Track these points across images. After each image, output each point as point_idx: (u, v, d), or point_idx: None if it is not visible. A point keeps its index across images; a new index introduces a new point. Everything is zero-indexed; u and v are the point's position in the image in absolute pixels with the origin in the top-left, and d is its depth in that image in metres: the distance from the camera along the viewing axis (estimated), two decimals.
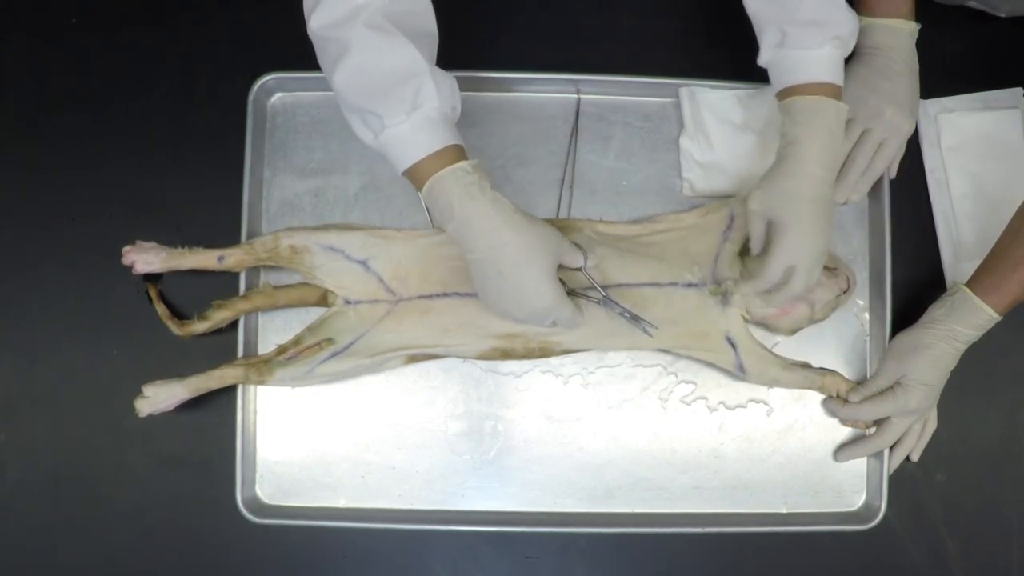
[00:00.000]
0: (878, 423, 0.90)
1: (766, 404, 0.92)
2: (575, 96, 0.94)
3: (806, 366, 0.91)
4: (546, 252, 0.78)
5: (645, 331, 0.86)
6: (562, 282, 0.85)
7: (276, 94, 0.93)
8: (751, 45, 0.83)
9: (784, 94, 0.80)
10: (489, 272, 0.77)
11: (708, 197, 0.92)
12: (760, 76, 0.92)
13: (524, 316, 0.79)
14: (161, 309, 0.88)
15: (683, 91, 0.92)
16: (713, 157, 0.92)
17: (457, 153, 0.76)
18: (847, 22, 0.78)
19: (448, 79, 0.75)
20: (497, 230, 0.75)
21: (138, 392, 0.84)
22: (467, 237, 0.76)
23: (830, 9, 0.78)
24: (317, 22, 0.72)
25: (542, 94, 0.94)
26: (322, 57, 0.75)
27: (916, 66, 0.88)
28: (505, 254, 0.76)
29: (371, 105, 0.73)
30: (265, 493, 0.90)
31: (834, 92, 0.79)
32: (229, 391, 0.87)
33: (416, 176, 0.75)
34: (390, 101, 0.73)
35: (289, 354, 0.87)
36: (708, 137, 0.91)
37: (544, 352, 0.88)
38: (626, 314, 0.86)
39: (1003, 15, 0.96)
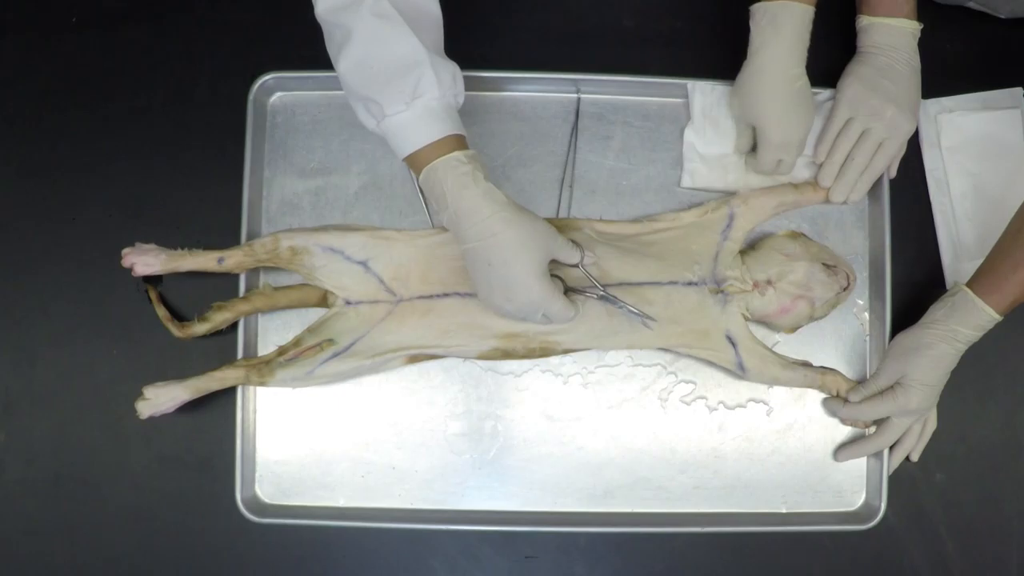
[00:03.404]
0: (878, 423, 0.90)
1: (766, 404, 0.92)
2: (575, 96, 0.94)
3: (806, 365, 0.91)
4: (536, 245, 0.78)
5: (645, 324, 0.86)
6: (560, 280, 0.85)
7: (276, 94, 0.93)
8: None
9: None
10: (479, 263, 0.78)
11: (705, 191, 0.92)
12: None
13: (513, 309, 0.79)
14: (161, 311, 0.88)
15: (692, 84, 0.92)
16: (718, 151, 0.91)
17: (456, 143, 0.76)
18: None
19: (450, 67, 0.76)
20: (487, 221, 0.76)
21: (138, 392, 0.84)
22: (460, 227, 0.77)
23: None
24: (323, 6, 0.73)
25: (542, 94, 0.94)
26: (328, 42, 0.76)
27: (918, 65, 0.88)
28: (494, 245, 0.76)
29: (373, 93, 0.74)
30: (265, 493, 0.90)
31: None
32: (229, 391, 0.87)
33: (414, 164, 0.76)
34: (391, 90, 0.73)
35: (290, 355, 0.87)
36: (716, 130, 0.91)
37: (545, 352, 0.88)
38: (625, 308, 0.86)
39: (1003, 16, 0.96)
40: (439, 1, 0.77)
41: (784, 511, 0.91)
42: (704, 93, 0.92)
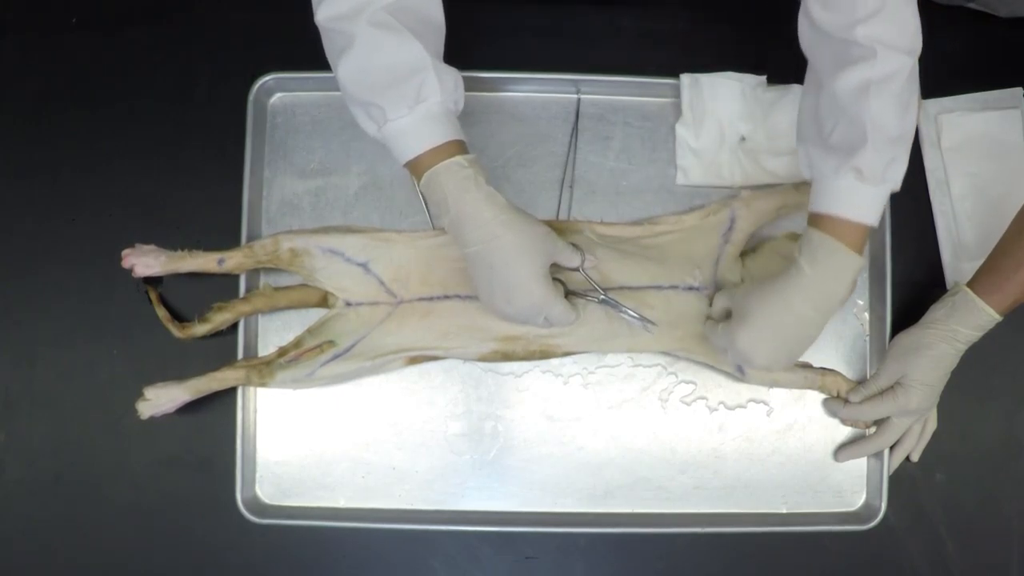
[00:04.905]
0: (878, 423, 0.90)
1: (766, 404, 0.92)
2: (575, 96, 0.94)
3: (806, 366, 0.90)
4: (537, 249, 0.78)
5: (645, 328, 0.86)
6: (562, 283, 0.85)
7: (276, 94, 0.93)
8: (750, 45, 0.83)
9: (809, 219, 0.77)
10: (481, 266, 0.78)
11: (705, 190, 0.92)
12: (760, 75, 0.92)
13: (514, 312, 0.79)
14: (161, 312, 0.88)
15: (685, 77, 0.91)
16: (709, 144, 0.91)
17: (457, 148, 0.76)
18: (876, 155, 0.70)
19: (452, 73, 0.76)
20: (488, 225, 0.76)
21: (138, 392, 0.84)
22: (461, 231, 0.77)
23: (857, 137, 0.71)
24: (323, 14, 0.73)
25: (542, 94, 0.94)
26: (328, 48, 0.75)
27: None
28: (495, 249, 0.76)
29: (374, 98, 0.73)
30: (265, 493, 0.90)
31: (852, 232, 0.73)
32: (229, 391, 0.87)
33: (416, 169, 0.76)
34: (393, 95, 0.73)
35: (290, 356, 0.86)
36: (704, 124, 0.91)
37: (545, 354, 0.88)
38: (626, 312, 0.86)
39: (1003, 16, 0.96)
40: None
41: (784, 511, 0.91)
42: (694, 85, 0.91)
